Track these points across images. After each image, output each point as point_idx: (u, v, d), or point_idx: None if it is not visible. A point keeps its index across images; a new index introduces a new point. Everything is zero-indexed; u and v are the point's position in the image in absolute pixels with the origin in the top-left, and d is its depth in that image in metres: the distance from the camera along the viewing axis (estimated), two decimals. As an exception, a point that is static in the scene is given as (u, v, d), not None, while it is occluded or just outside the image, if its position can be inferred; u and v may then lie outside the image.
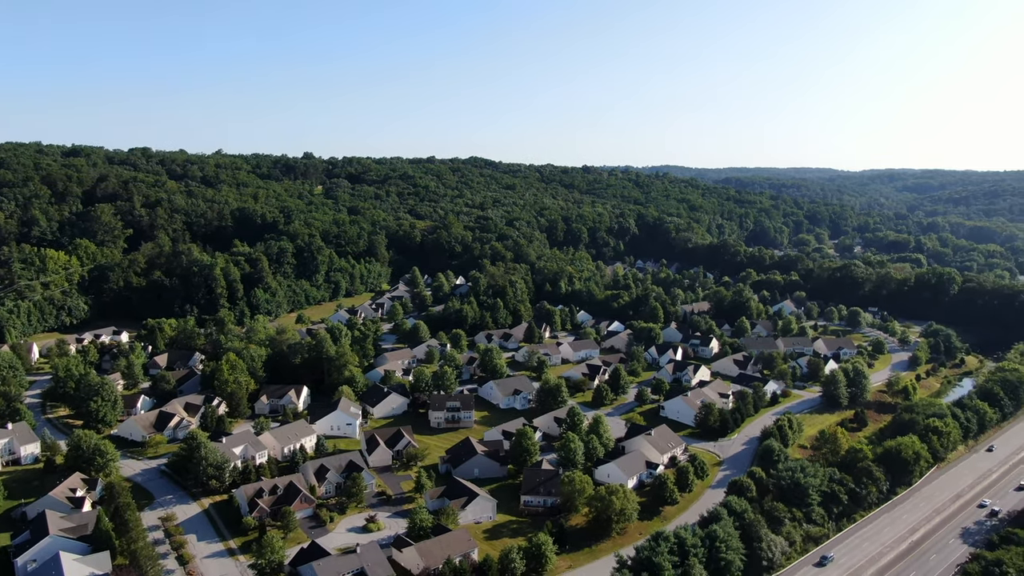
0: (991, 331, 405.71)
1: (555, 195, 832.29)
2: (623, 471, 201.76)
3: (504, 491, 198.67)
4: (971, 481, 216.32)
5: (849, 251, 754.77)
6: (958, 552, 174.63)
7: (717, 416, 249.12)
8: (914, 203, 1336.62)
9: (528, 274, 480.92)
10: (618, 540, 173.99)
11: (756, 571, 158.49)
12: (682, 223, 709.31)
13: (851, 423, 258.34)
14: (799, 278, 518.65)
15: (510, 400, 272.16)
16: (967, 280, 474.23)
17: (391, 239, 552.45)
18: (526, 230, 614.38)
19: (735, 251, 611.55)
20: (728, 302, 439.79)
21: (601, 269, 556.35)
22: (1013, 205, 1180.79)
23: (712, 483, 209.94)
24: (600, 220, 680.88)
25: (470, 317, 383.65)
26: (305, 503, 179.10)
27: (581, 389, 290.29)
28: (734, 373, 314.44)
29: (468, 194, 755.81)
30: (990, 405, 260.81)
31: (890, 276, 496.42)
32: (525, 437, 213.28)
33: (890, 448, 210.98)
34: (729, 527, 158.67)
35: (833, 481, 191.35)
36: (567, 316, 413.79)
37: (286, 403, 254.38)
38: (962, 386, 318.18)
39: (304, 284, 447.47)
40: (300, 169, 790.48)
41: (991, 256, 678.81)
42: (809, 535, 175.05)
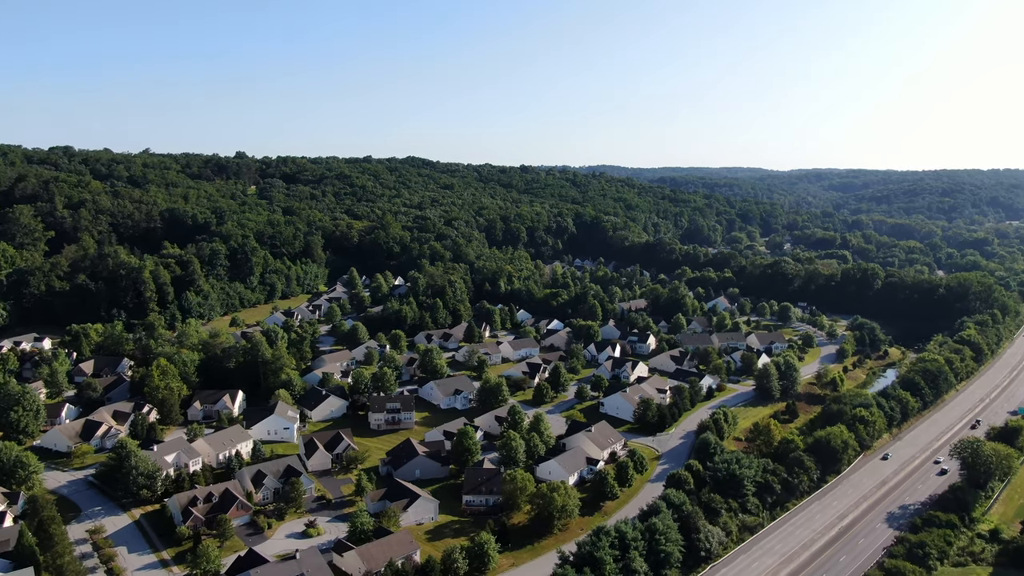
0: (912, 323, 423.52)
1: (493, 194, 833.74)
2: (564, 468, 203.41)
3: (446, 491, 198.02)
4: (895, 468, 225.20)
5: (779, 248, 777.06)
6: (884, 536, 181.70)
7: (655, 411, 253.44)
8: (840, 201, 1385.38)
9: (467, 274, 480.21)
10: (560, 536, 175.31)
11: (695, 561, 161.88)
12: (619, 222, 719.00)
13: (783, 415, 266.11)
14: (732, 275, 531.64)
15: (451, 400, 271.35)
16: (890, 275, 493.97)
17: (328, 239, 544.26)
18: (465, 230, 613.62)
19: (671, 249, 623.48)
20: (664, 299, 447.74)
21: (540, 268, 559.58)
22: (931, 203, 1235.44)
23: (651, 477, 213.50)
24: (538, 219, 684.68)
25: (409, 317, 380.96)
26: (242, 510, 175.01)
27: (522, 387, 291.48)
28: (671, 369, 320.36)
29: (406, 194, 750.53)
30: (912, 394, 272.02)
31: (818, 272, 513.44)
32: (466, 437, 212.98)
33: (820, 438, 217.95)
34: (668, 519, 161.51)
35: (767, 471, 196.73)
36: (507, 315, 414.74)
37: (220, 408, 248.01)
38: (886, 377, 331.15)
39: (238, 286, 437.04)
40: (233, 169, 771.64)
41: (911, 252, 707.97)
42: (745, 525, 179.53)
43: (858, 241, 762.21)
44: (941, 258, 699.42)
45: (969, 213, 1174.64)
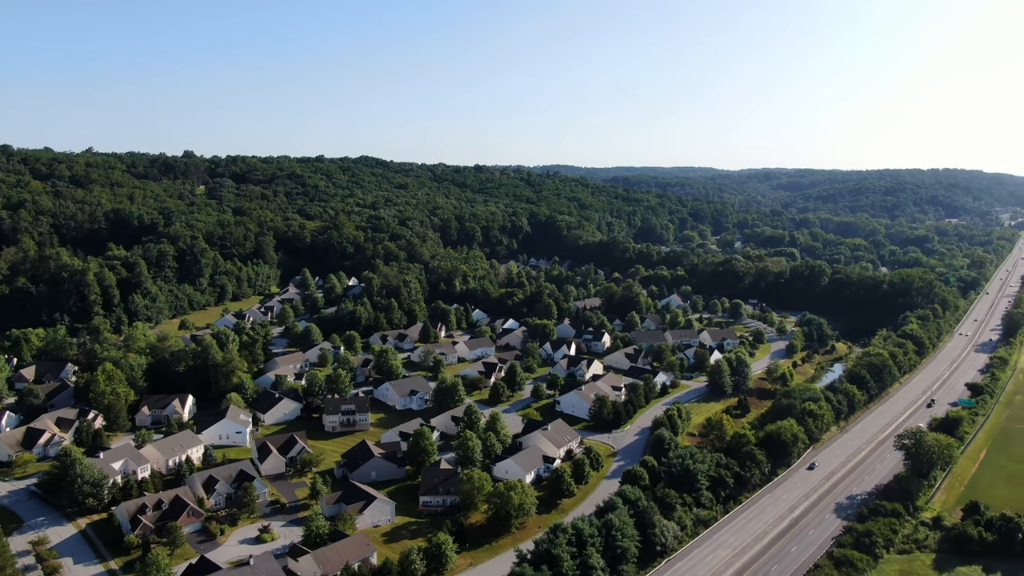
0: (858, 319, 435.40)
1: (448, 194, 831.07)
2: (521, 467, 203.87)
3: (403, 492, 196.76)
4: (843, 459, 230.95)
5: (730, 246, 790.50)
6: (833, 526, 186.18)
7: (610, 408, 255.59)
8: (788, 200, 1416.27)
9: (422, 274, 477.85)
10: (517, 535, 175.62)
11: (650, 556, 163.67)
12: (573, 221, 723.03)
13: (735, 410, 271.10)
14: (685, 273, 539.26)
15: (406, 401, 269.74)
16: (836, 272, 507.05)
17: (280, 240, 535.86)
18: (419, 229, 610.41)
19: (624, 248, 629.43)
20: (618, 297, 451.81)
21: (495, 267, 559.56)
22: (875, 202, 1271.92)
23: (607, 474, 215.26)
24: (493, 219, 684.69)
25: (364, 318, 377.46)
26: (193, 517, 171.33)
27: (478, 387, 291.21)
28: (626, 366, 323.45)
29: (359, 194, 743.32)
30: (858, 388, 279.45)
31: (768, 269, 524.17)
32: (423, 437, 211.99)
33: (771, 432, 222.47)
34: (624, 515, 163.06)
35: (720, 466, 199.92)
36: (462, 315, 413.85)
37: (170, 413, 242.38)
38: (833, 371, 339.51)
39: (187, 288, 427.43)
40: (180, 168, 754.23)
41: (856, 249, 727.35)
42: (699, 519, 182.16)
43: (806, 239, 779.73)
44: (885, 255, 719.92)
45: (911, 211, 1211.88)
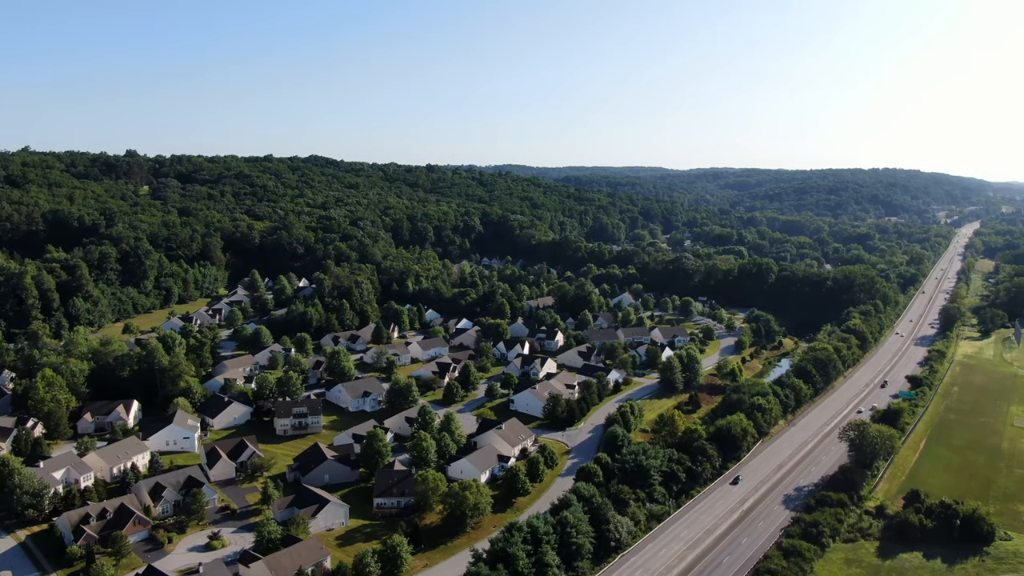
0: (804, 314, 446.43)
1: (400, 194, 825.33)
2: (476, 466, 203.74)
3: (356, 495, 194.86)
4: (790, 452, 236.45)
5: (680, 245, 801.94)
6: (782, 517, 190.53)
7: (564, 407, 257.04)
8: (735, 199, 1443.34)
9: (374, 274, 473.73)
10: (473, 535, 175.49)
11: (605, 552, 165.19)
12: (525, 220, 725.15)
13: (687, 406, 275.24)
14: (636, 271, 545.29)
15: (359, 402, 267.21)
16: (783, 269, 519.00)
17: (227, 241, 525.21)
18: (371, 229, 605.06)
19: (576, 247, 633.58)
20: (571, 296, 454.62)
21: (448, 267, 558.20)
22: (819, 201, 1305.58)
23: (562, 471, 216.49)
24: (445, 219, 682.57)
25: (315, 320, 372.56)
26: (140, 525, 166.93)
27: (432, 387, 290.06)
28: (579, 364, 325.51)
29: (309, 193, 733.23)
30: (805, 382, 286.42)
31: (717, 267, 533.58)
32: (376, 439, 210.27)
33: (721, 427, 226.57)
34: (579, 512, 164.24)
35: (672, 461, 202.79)
36: (415, 315, 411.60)
37: (114, 420, 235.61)
38: (781, 366, 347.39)
39: (131, 291, 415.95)
40: (122, 168, 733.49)
41: (802, 247, 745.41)
42: (652, 513, 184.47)
43: (753, 237, 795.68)
44: (828, 252, 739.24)
45: (853, 210, 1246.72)
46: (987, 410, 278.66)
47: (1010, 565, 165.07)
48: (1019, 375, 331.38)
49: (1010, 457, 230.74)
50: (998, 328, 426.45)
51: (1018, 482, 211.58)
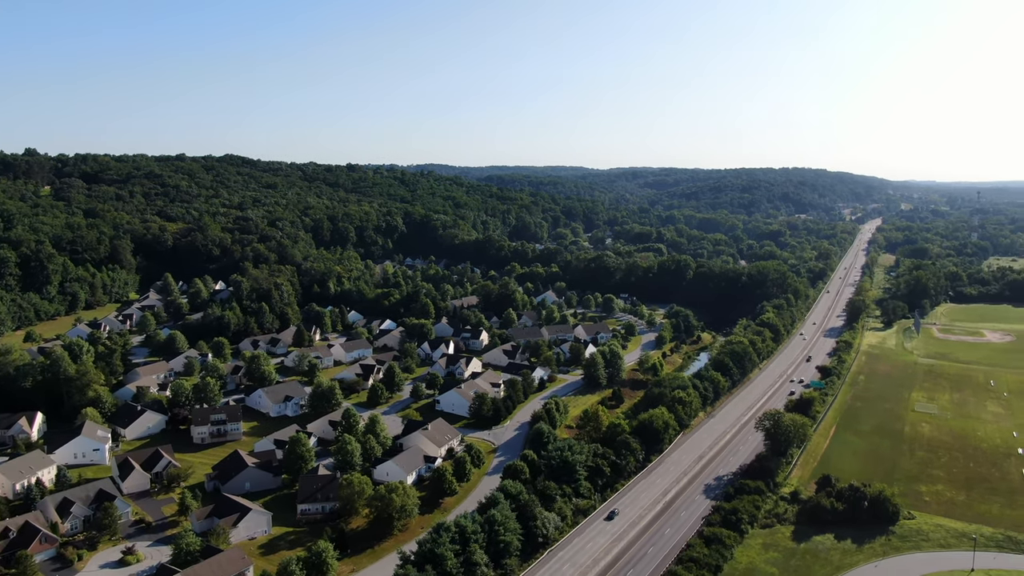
0: (721, 309, 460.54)
1: (320, 194, 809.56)
2: (402, 468, 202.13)
3: (280, 502, 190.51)
4: (710, 443, 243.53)
5: (601, 243, 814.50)
6: (703, 506, 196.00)
7: (490, 405, 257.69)
8: (654, 198, 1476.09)
9: (295, 275, 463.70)
10: (400, 537, 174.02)
11: (533, 548, 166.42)
12: (448, 220, 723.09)
13: (610, 401, 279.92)
14: (559, 269, 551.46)
15: (281, 407, 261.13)
16: (700, 266, 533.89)
17: (138, 243, 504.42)
18: (290, 230, 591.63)
19: (500, 246, 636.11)
20: (495, 295, 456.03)
21: (370, 268, 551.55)
22: (733, 199, 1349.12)
23: (489, 470, 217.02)
24: (367, 219, 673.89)
25: (233, 323, 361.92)
26: (46, 543, 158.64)
27: (356, 390, 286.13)
28: (504, 363, 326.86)
29: (225, 194, 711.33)
30: (722, 375, 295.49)
31: (637, 265, 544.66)
32: (299, 444, 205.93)
33: (644, 420, 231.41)
34: (506, 510, 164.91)
35: (597, 456, 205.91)
36: (337, 317, 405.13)
37: (16, 433, 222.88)
38: (700, 360, 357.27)
39: (33, 297, 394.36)
40: (21, 167, 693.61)
41: (718, 244, 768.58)
42: (579, 508, 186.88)
43: (672, 235, 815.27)
44: (743, 249, 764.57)
45: (765, 208, 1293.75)
46: (890, 397, 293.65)
47: (913, 543, 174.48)
48: (919, 363, 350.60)
49: (912, 441, 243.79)
50: (899, 319, 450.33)
51: (920, 464, 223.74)
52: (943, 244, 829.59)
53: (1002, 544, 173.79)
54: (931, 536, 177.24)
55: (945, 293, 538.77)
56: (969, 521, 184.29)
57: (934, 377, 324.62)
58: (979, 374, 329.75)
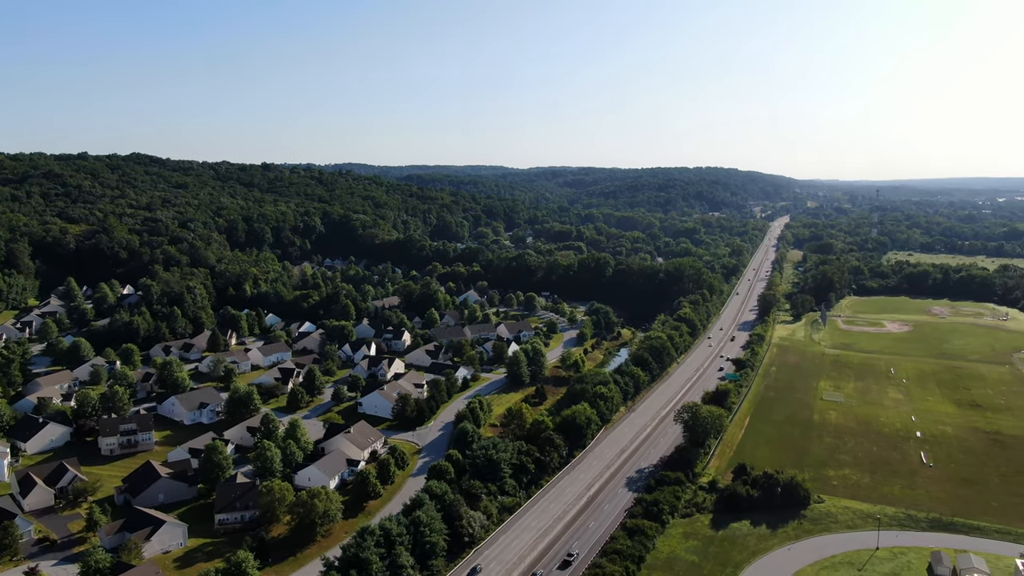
0: (640, 306, 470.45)
1: (234, 194, 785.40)
2: (324, 472, 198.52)
3: (196, 513, 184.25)
4: (631, 436, 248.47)
5: (522, 242, 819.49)
6: (626, 499, 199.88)
7: (413, 406, 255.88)
8: (574, 197, 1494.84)
9: (208, 278, 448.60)
10: (324, 543, 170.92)
11: (459, 547, 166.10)
12: (368, 220, 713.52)
13: (533, 398, 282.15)
14: (481, 269, 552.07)
15: (196, 415, 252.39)
16: (619, 263, 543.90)
17: (37, 247, 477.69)
18: (203, 232, 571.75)
19: (421, 246, 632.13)
20: (417, 295, 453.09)
21: (288, 269, 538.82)
22: (650, 198, 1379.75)
23: (413, 471, 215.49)
24: (284, 219, 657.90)
25: (143, 329, 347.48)
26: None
27: (275, 394, 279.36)
28: (427, 363, 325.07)
29: (132, 194, 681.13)
30: (642, 370, 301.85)
31: (558, 263, 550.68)
32: (215, 452, 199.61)
33: (567, 417, 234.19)
34: (431, 511, 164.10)
35: (521, 453, 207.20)
36: (254, 320, 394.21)
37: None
38: (620, 355, 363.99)
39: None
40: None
41: (636, 242, 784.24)
42: (504, 506, 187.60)
43: (591, 233, 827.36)
44: (660, 246, 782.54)
45: (681, 206, 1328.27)
46: (800, 387, 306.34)
47: (823, 525, 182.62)
48: (826, 354, 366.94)
49: (820, 428, 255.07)
50: (807, 312, 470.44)
51: (828, 450, 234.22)
52: (846, 240, 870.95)
53: (903, 522, 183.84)
54: (839, 518, 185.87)
55: (849, 286, 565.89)
56: (874, 502, 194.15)
57: (840, 367, 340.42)
58: (881, 363, 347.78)
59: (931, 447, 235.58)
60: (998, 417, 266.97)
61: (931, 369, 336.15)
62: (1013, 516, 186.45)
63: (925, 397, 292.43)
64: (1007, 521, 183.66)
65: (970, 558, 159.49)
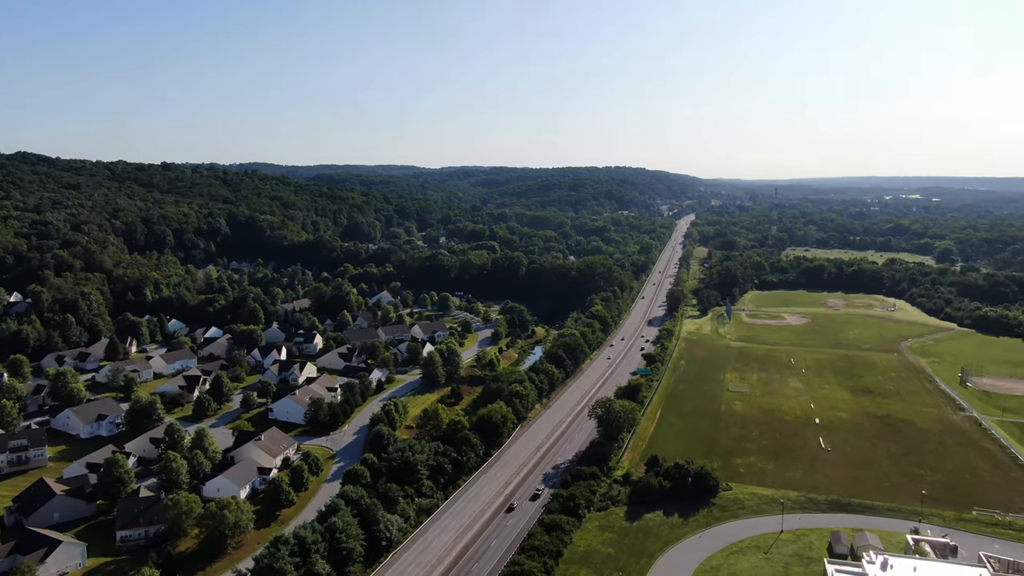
0: (553, 303, 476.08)
1: (132, 195, 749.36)
2: (234, 482, 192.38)
3: (96, 530, 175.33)
4: (547, 433, 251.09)
5: (436, 242, 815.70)
6: (543, 495, 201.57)
7: (327, 411, 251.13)
8: (486, 196, 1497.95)
9: (105, 284, 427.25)
10: (235, 555, 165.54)
11: (377, 552, 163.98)
12: (276, 221, 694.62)
13: (449, 398, 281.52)
14: (394, 269, 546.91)
15: (94, 427, 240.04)
16: (532, 262, 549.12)
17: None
18: (98, 235, 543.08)
19: (332, 247, 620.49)
20: (329, 297, 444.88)
21: (192, 273, 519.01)
22: (561, 197, 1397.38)
23: (328, 477, 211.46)
24: (187, 220, 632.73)
25: (33, 339, 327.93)
26: None
27: (180, 403, 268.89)
28: (340, 366, 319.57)
29: (17, 195, 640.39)
30: (557, 367, 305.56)
31: (471, 262, 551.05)
32: (115, 466, 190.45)
33: (483, 416, 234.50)
34: (347, 516, 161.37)
35: (438, 454, 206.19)
36: (157, 326, 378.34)
37: None
38: (535, 353, 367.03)
39: None
40: None
41: (548, 241, 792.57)
42: (422, 508, 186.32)
43: (504, 232, 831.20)
44: (572, 245, 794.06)
45: (591, 205, 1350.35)
46: (708, 379, 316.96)
47: (731, 511, 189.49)
48: (731, 346, 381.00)
49: (727, 418, 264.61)
50: (713, 306, 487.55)
51: (734, 439, 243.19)
52: (749, 237, 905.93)
53: (805, 505, 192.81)
54: (746, 504, 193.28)
55: (751, 281, 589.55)
56: (778, 488, 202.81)
57: (744, 359, 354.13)
58: (782, 354, 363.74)
59: (829, 432, 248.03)
60: (888, 402, 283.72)
61: (827, 358, 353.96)
62: (903, 495, 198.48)
63: (822, 385, 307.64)
64: (898, 500, 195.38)
65: (866, 536, 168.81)
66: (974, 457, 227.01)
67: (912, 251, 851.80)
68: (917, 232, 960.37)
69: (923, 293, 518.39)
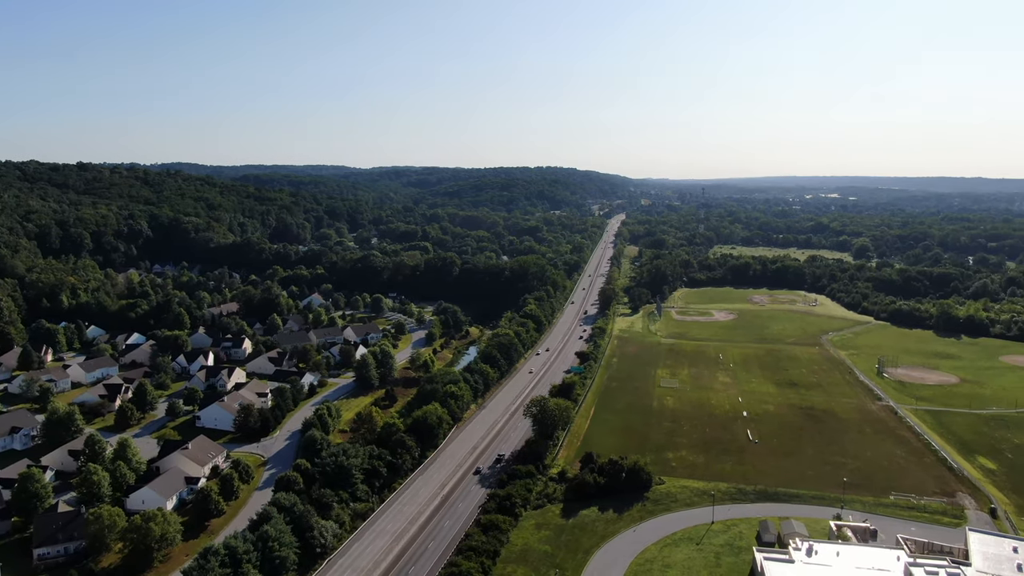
0: (487, 304, 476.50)
1: (45, 196, 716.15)
2: (160, 493, 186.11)
3: (10, 549, 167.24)
4: (483, 433, 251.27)
5: (367, 243, 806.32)
6: (479, 495, 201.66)
7: (257, 417, 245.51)
8: (418, 197, 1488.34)
9: (16, 290, 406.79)
10: (162, 568, 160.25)
11: (311, 559, 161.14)
12: (201, 223, 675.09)
13: (384, 401, 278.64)
14: (325, 271, 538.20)
15: (7, 441, 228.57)
16: (465, 263, 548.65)
17: None
18: (8, 238, 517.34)
19: (260, 249, 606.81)
20: (258, 300, 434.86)
21: (112, 277, 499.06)
22: (493, 197, 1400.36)
23: (259, 484, 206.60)
24: (105, 223, 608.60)
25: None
26: None
27: (100, 413, 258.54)
28: (270, 371, 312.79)
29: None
30: (491, 366, 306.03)
31: (404, 263, 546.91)
32: (31, 480, 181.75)
33: (418, 417, 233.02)
34: (280, 524, 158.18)
35: (373, 457, 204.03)
36: (74, 333, 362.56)
37: None
38: (469, 354, 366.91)
39: None
40: None
41: (481, 241, 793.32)
42: (357, 512, 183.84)
43: (436, 233, 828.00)
44: (505, 245, 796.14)
45: (523, 205, 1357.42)
46: (640, 376, 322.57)
47: (664, 505, 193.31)
48: (662, 343, 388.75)
49: (659, 414, 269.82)
50: (644, 304, 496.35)
51: (666, 434, 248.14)
52: (677, 235, 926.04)
53: (735, 496, 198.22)
54: (679, 497, 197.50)
55: (681, 279, 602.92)
56: (708, 480, 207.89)
57: (675, 355, 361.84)
58: (711, 349, 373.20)
59: (756, 425, 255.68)
60: (810, 393, 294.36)
61: (754, 353, 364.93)
62: (826, 483, 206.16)
63: (749, 379, 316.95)
64: (821, 488, 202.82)
65: (792, 524, 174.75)
66: (891, 444, 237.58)
67: (831, 248, 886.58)
68: (836, 230, 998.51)
69: (842, 288, 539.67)
